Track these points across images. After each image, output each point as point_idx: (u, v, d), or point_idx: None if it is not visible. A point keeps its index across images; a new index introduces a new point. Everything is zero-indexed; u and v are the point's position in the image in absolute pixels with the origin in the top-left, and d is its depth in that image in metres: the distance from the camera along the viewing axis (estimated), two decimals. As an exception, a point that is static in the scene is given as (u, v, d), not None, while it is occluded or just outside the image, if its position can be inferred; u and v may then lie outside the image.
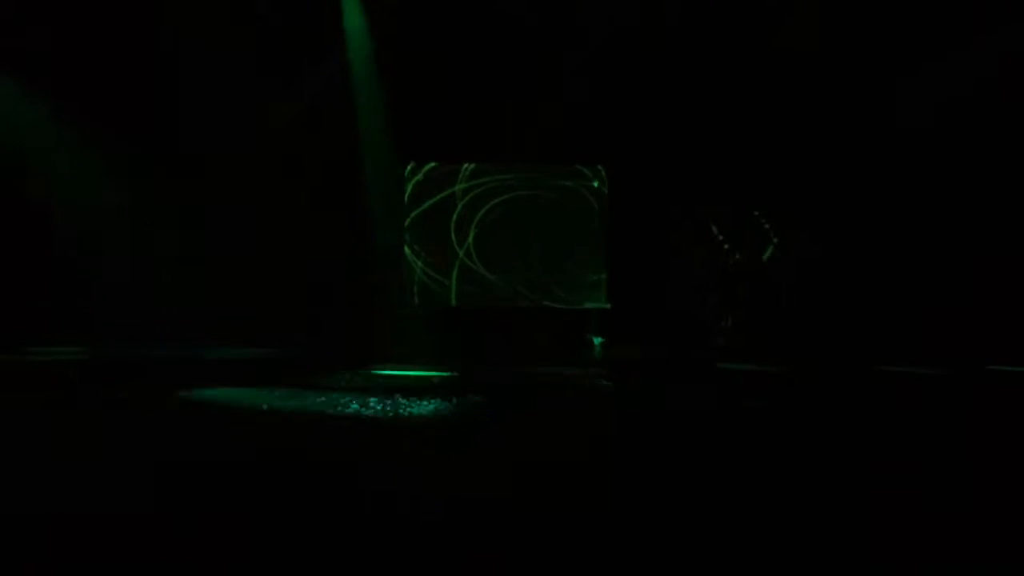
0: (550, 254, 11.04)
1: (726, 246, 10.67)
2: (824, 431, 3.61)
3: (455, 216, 10.96)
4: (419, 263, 10.93)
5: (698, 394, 5.85)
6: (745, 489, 2.09)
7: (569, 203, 11.13)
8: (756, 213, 10.63)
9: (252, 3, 9.65)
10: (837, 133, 10.21)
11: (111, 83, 9.54)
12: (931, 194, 9.51)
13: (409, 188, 10.94)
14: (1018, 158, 9.01)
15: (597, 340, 10.40)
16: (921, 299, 9.38)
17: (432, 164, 10.94)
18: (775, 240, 10.23)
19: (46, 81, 9.48)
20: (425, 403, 4.91)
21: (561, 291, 11.08)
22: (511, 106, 10.74)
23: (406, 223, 10.90)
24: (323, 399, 5.09)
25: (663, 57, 10.41)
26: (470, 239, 10.96)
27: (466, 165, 10.97)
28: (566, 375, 7.85)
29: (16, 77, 9.39)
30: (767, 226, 10.52)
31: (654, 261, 10.99)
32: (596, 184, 11.21)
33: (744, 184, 10.59)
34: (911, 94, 9.55)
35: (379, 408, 4.61)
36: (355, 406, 4.73)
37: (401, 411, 4.50)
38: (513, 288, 10.97)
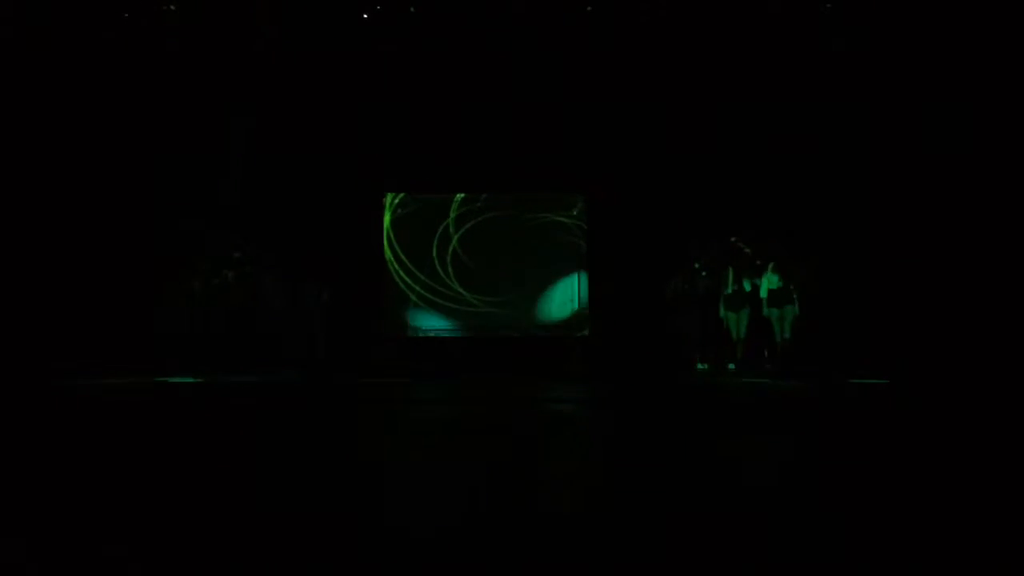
0: (529, 280, 10.99)
1: (703, 273, 10.62)
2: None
3: (439, 230, 10.96)
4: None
5: None
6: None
7: (549, 231, 11.16)
8: (733, 239, 10.66)
9: None
10: (818, 160, 10.42)
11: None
12: (906, 210, 9.65)
13: (388, 215, 10.96)
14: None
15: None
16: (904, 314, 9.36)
17: (403, 195, 11.03)
18: (758, 263, 10.20)
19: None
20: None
21: (540, 318, 10.96)
22: (490, 135, 10.89)
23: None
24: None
25: (642, 83, 10.66)
26: (448, 256, 10.94)
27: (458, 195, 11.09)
28: None
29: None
30: (748, 251, 10.53)
31: (633, 289, 10.96)
32: (576, 212, 11.27)
33: (723, 211, 10.68)
34: (889, 115, 9.83)
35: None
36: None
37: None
38: (484, 310, 10.88)
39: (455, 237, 11.02)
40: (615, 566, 1.21)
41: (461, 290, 10.91)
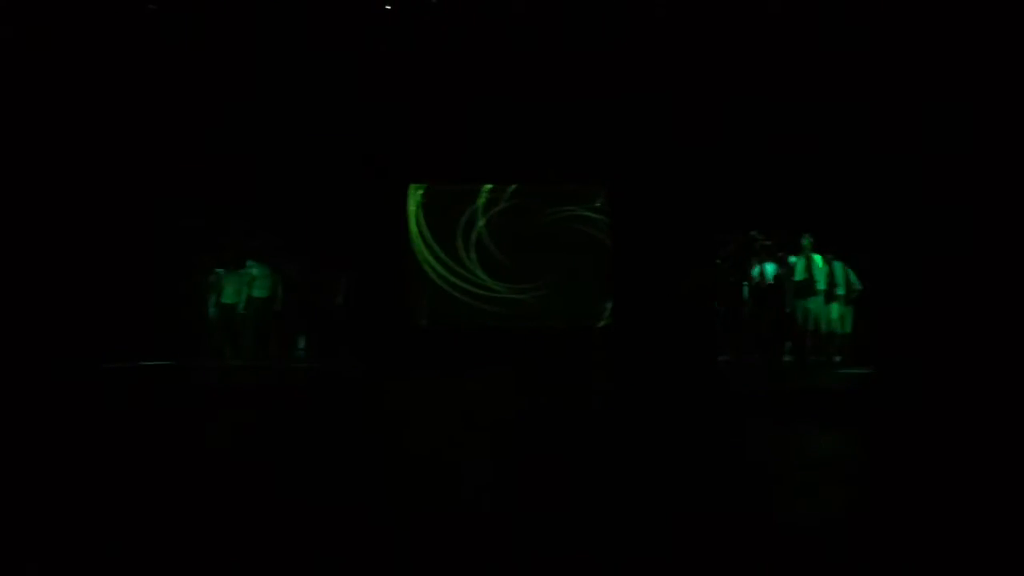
0: (551, 270, 10.99)
1: (726, 266, 10.57)
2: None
3: (465, 216, 10.94)
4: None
5: None
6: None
7: (572, 223, 11.17)
8: (754, 232, 10.60)
9: None
10: (833, 151, 10.37)
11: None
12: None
13: (413, 205, 10.96)
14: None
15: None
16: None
17: (425, 186, 11.01)
18: (780, 255, 10.12)
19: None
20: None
21: (562, 308, 10.95)
22: (512, 126, 10.85)
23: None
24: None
25: (664, 73, 10.62)
26: (472, 242, 10.92)
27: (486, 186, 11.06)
28: None
29: None
30: (770, 244, 10.46)
31: (656, 279, 10.91)
32: (599, 204, 11.28)
33: (748, 204, 10.62)
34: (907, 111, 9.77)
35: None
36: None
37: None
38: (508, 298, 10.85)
39: (480, 223, 11.04)
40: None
41: (484, 276, 10.92)
